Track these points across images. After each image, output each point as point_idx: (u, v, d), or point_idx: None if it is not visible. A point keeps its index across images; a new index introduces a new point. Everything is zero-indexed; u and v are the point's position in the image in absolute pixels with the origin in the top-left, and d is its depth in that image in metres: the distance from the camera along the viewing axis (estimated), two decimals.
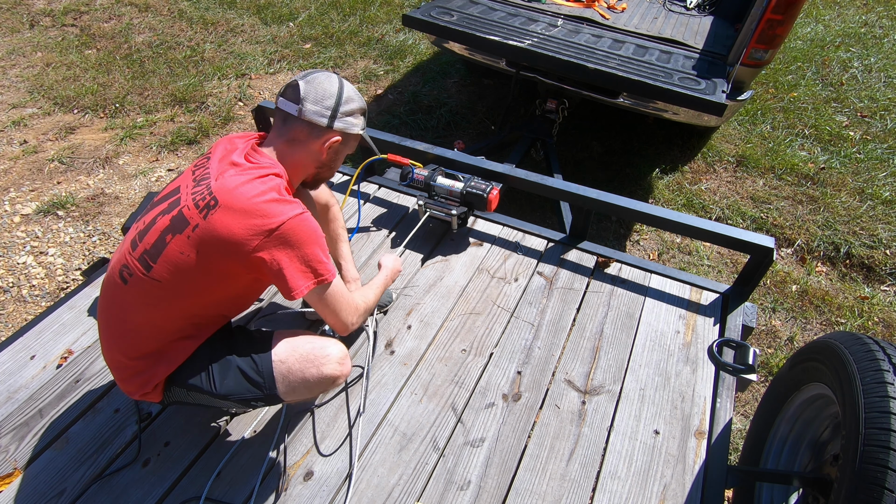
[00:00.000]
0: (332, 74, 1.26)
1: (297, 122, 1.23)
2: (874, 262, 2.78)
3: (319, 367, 1.25)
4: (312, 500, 1.36)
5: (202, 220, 1.11)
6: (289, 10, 5.07)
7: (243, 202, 1.11)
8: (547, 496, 1.38)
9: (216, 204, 1.11)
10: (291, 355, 1.25)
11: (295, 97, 1.21)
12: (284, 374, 1.24)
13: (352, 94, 1.28)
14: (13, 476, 1.39)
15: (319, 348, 1.27)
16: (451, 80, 4.15)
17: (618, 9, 3.19)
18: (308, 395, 1.30)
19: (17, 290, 2.56)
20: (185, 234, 1.12)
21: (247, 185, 1.13)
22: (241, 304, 1.37)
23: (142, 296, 1.17)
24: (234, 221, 1.10)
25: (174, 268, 1.13)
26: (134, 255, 1.17)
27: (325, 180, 1.42)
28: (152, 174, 3.26)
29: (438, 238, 2.13)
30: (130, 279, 1.17)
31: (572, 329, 1.80)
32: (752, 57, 2.42)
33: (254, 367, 1.24)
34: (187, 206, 1.14)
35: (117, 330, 1.21)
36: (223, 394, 1.22)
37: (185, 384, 1.22)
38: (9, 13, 4.96)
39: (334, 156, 1.33)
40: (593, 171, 3.31)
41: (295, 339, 1.29)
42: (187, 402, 1.29)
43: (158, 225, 1.16)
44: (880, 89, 4.12)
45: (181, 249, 1.12)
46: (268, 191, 1.14)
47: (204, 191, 1.14)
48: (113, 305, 1.22)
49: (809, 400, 1.47)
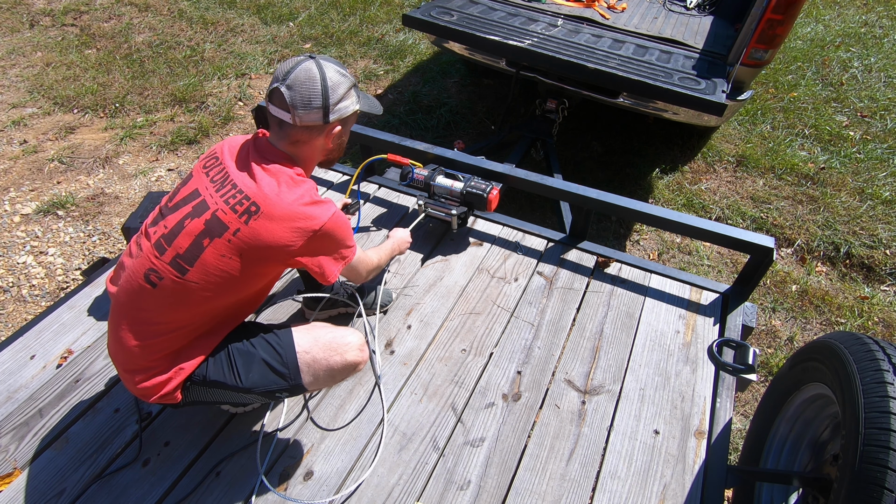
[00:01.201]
0: (310, 65, 1.19)
1: (294, 129, 1.22)
2: (874, 262, 2.78)
3: (343, 355, 1.30)
4: (312, 500, 1.36)
5: (244, 226, 1.15)
6: (289, 9, 5.07)
7: (285, 208, 1.17)
8: (547, 496, 1.38)
9: (258, 210, 1.16)
10: (315, 345, 1.30)
11: (283, 105, 1.19)
12: (309, 363, 1.28)
13: (336, 78, 1.22)
14: (13, 476, 1.39)
15: (340, 337, 1.32)
16: (451, 80, 4.15)
17: (618, 9, 3.19)
18: (331, 382, 1.35)
19: (17, 289, 2.56)
20: (224, 238, 1.15)
21: (285, 190, 1.19)
22: (262, 297, 1.41)
23: (172, 297, 1.17)
24: (278, 227, 1.16)
25: (212, 269, 1.15)
26: (164, 259, 1.16)
27: (337, 160, 1.44)
28: (152, 174, 3.26)
29: (438, 238, 2.13)
30: (160, 283, 1.16)
31: (572, 329, 1.80)
32: (752, 57, 2.41)
33: (278, 359, 1.27)
34: (221, 209, 1.16)
35: (139, 332, 1.18)
36: (248, 387, 1.24)
37: (207, 381, 1.23)
38: (9, 13, 4.96)
39: (340, 139, 1.34)
40: (593, 171, 3.31)
41: (315, 330, 1.34)
42: (205, 400, 1.29)
43: (190, 229, 1.16)
44: (880, 89, 4.12)
45: (221, 253, 1.15)
46: (304, 194, 1.20)
47: (237, 194, 1.17)
48: (136, 310, 1.19)
49: (809, 400, 1.47)
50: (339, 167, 2.49)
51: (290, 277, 1.94)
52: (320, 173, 2.47)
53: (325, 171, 2.47)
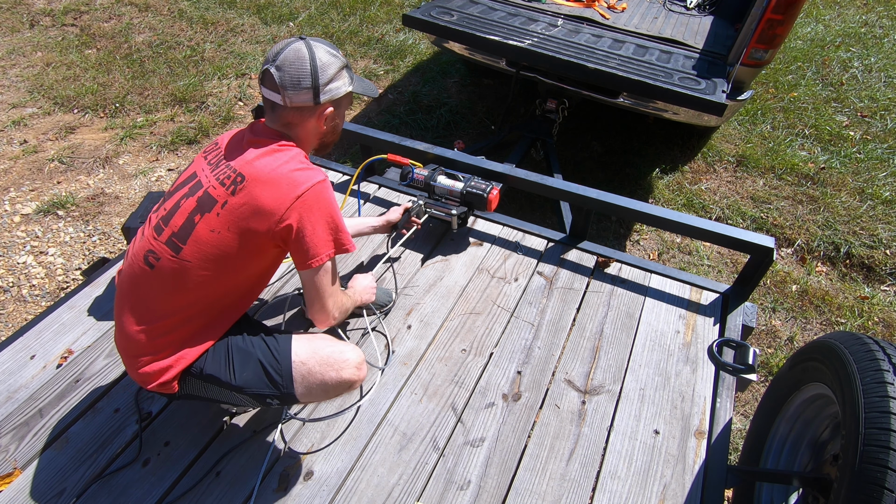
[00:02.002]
0: (299, 45, 1.18)
1: (285, 110, 1.21)
2: (874, 262, 2.78)
3: (339, 371, 1.26)
4: (312, 499, 1.36)
5: (230, 197, 1.14)
6: (289, 9, 5.07)
7: (269, 172, 1.15)
8: (547, 496, 1.38)
9: (243, 179, 1.15)
10: (312, 357, 1.26)
11: (274, 87, 1.18)
12: (304, 375, 1.25)
13: (326, 58, 1.19)
14: (13, 476, 1.39)
15: (339, 352, 1.28)
16: (451, 80, 4.15)
17: (618, 9, 3.19)
18: (324, 397, 1.31)
19: (17, 289, 2.56)
20: (213, 213, 1.15)
21: (268, 156, 1.18)
22: (261, 285, 1.36)
23: (170, 279, 1.17)
24: (263, 192, 1.14)
25: (205, 246, 1.15)
26: (160, 239, 1.18)
27: (332, 143, 1.40)
28: (152, 174, 3.26)
29: (438, 238, 2.13)
30: (158, 263, 1.17)
31: (572, 329, 1.80)
32: (752, 57, 2.42)
33: (274, 364, 1.25)
34: (212, 185, 1.17)
35: (141, 316, 1.20)
36: (239, 385, 1.23)
37: (203, 374, 1.23)
38: (9, 13, 4.96)
39: (333, 121, 1.31)
40: (593, 171, 3.31)
41: (315, 341, 1.31)
42: (200, 395, 1.29)
43: (184, 207, 1.18)
44: (880, 89, 4.12)
45: (211, 227, 1.15)
46: (290, 160, 1.18)
47: (227, 170, 1.18)
48: (137, 293, 1.21)
49: (809, 400, 1.47)
50: (339, 167, 2.49)
51: (292, 275, 1.94)
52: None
53: (325, 170, 2.46)
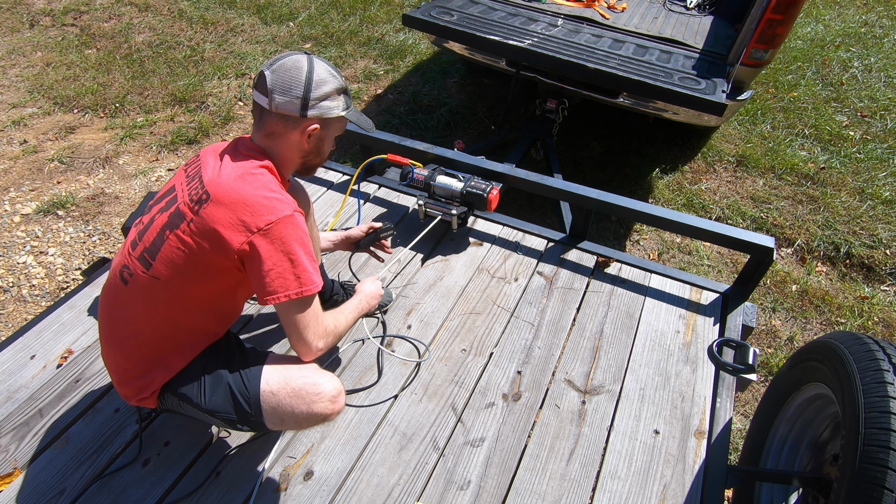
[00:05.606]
0: (301, 57, 1.16)
1: (270, 116, 1.17)
2: (874, 261, 2.78)
3: (310, 405, 1.19)
4: (312, 499, 1.36)
5: (195, 216, 1.12)
6: (289, 9, 5.07)
7: (234, 195, 1.10)
8: (547, 496, 1.38)
9: (208, 198, 1.11)
10: (283, 388, 1.20)
11: (264, 89, 1.15)
12: (274, 406, 1.20)
13: (324, 75, 1.17)
14: (13, 476, 1.39)
15: (312, 384, 1.21)
16: (451, 80, 4.15)
17: (618, 8, 3.19)
18: (297, 428, 1.29)
19: (17, 289, 2.56)
20: (181, 230, 1.13)
21: (238, 179, 1.13)
22: (237, 305, 1.33)
23: (142, 295, 1.17)
24: (223, 215, 1.10)
25: (172, 263, 1.13)
26: (134, 254, 1.17)
27: (315, 167, 1.35)
28: (152, 174, 3.26)
29: (438, 238, 2.13)
30: (131, 279, 1.17)
31: (572, 329, 1.80)
32: (752, 57, 2.41)
33: (243, 392, 1.20)
34: (184, 202, 1.15)
35: (118, 333, 1.21)
36: (210, 409, 1.20)
37: (178, 393, 1.21)
38: (9, 13, 4.96)
39: (318, 143, 1.25)
40: (593, 171, 3.31)
41: (288, 370, 1.24)
42: (179, 412, 1.28)
43: (157, 223, 1.17)
44: (880, 89, 4.12)
45: (178, 245, 1.13)
46: (259, 186, 1.13)
47: (198, 187, 1.15)
48: (115, 307, 1.21)
49: (809, 400, 1.47)
50: (338, 167, 2.49)
51: None
52: (320, 172, 2.46)
53: (325, 170, 2.47)
